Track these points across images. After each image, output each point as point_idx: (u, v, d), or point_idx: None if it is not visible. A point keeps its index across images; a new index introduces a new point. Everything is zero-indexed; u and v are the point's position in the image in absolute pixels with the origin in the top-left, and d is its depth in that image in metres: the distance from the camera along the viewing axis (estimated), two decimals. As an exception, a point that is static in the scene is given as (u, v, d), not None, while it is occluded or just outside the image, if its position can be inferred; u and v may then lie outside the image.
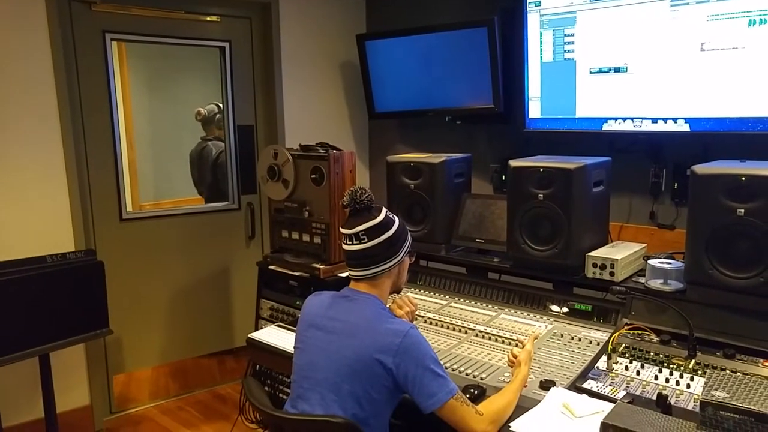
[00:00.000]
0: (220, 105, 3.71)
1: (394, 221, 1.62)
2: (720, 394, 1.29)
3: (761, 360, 1.61)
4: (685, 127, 2.29)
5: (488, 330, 2.04)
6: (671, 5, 2.24)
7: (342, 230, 1.61)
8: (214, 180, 3.72)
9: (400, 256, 1.63)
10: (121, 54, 4.02)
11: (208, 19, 3.20)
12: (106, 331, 2.59)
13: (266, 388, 2.55)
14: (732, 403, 1.26)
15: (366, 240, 1.57)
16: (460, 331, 2.07)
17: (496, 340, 1.97)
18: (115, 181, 2.99)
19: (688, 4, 2.20)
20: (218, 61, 3.30)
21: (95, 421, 2.97)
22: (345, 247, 1.61)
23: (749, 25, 2.08)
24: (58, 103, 2.69)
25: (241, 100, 3.34)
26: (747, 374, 1.52)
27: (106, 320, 2.58)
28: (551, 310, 2.10)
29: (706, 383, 1.37)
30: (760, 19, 2.06)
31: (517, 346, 1.73)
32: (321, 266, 2.62)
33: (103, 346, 2.99)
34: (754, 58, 2.09)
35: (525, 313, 2.12)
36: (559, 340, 1.93)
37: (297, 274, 2.69)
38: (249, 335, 2.18)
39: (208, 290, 3.37)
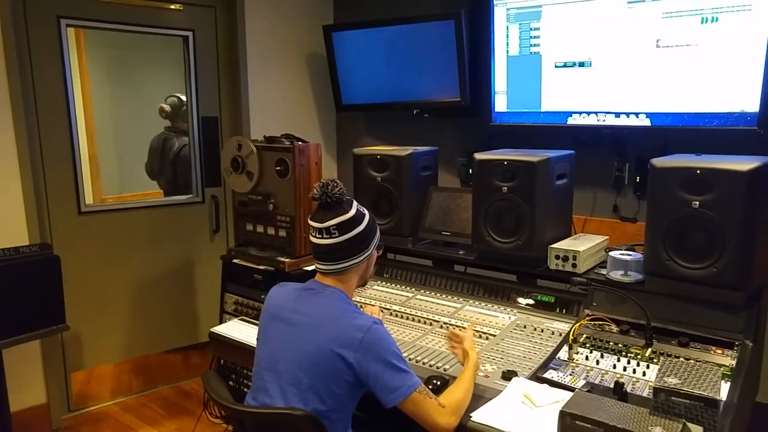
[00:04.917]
0: (181, 96, 3.63)
1: (365, 215, 1.59)
2: (672, 381, 1.33)
3: (713, 347, 1.66)
4: (647, 122, 2.34)
5: (453, 322, 2.05)
6: (628, 2, 2.28)
7: (311, 223, 1.56)
8: (173, 174, 3.64)
9: (370, 250, 1.61)
10: (79, 42, 3.89)
11: (171, 6, 3.12)
12: (63, 327, 2.52)
13: (230, 383, 2.52)
14: (683, 388, 1.30)
15: (337, 234, 1.53)
16: (425, 323, 2.08)
17: (461, 332, 1.98)
18: (72, 173, 2.89)
19: (644, 1, 2.24)
20: (182, 51, 3.22)
21: (52, 420, 2.88)
22: (314, 240, 1.57)
23: (702, 22, 2.13)
24: (9, 92, 2.58)
25: (205, 91, 3.26)
26: (699, 361, 1.57)
27: (63, 316, 2.50)
28: (515, 302, 2.12)
29: (659, 370, 1.40)
30: (712, 17, 2.11)
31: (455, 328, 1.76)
32: (286, 260, 2.58)
33: (60, 342, 2.91)
34: (707, 56, 2.14)
35: (490, 305, 2.14)
36: (522, 331, 1.95)
37: (262, 267, 2.65)
38: (212, 329, 2.15)
39: (172, 285, 3.30)
